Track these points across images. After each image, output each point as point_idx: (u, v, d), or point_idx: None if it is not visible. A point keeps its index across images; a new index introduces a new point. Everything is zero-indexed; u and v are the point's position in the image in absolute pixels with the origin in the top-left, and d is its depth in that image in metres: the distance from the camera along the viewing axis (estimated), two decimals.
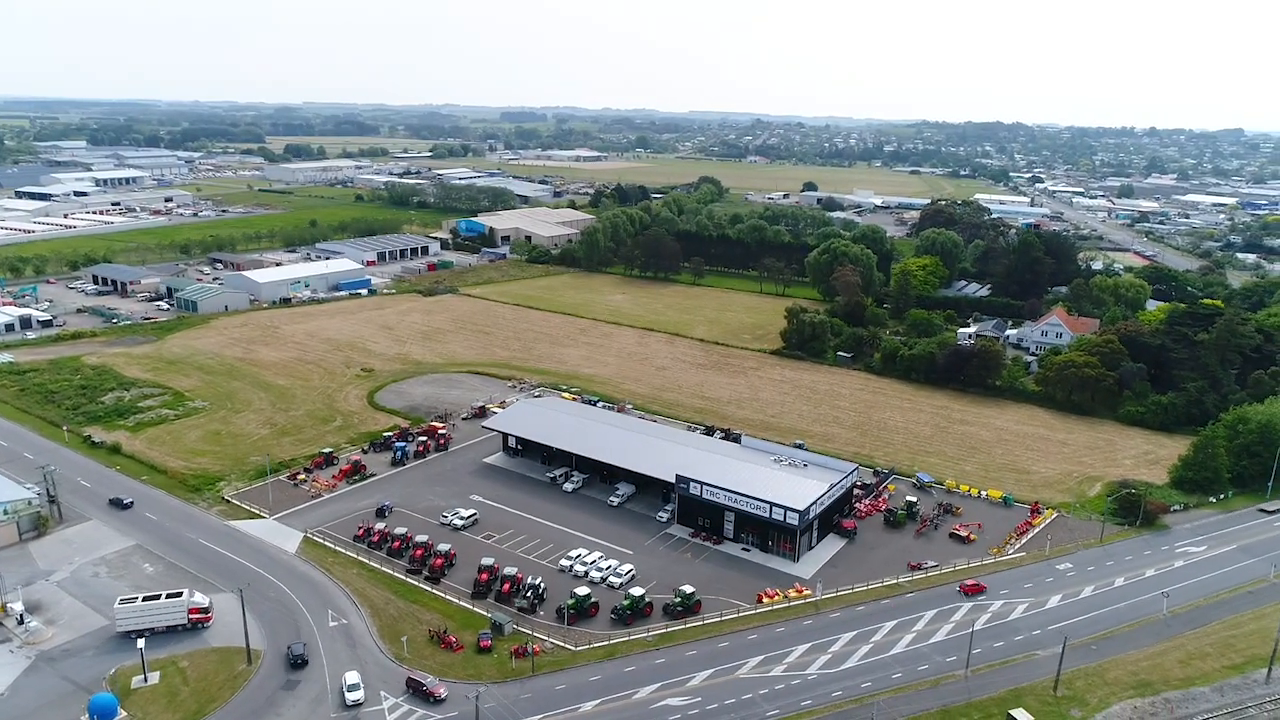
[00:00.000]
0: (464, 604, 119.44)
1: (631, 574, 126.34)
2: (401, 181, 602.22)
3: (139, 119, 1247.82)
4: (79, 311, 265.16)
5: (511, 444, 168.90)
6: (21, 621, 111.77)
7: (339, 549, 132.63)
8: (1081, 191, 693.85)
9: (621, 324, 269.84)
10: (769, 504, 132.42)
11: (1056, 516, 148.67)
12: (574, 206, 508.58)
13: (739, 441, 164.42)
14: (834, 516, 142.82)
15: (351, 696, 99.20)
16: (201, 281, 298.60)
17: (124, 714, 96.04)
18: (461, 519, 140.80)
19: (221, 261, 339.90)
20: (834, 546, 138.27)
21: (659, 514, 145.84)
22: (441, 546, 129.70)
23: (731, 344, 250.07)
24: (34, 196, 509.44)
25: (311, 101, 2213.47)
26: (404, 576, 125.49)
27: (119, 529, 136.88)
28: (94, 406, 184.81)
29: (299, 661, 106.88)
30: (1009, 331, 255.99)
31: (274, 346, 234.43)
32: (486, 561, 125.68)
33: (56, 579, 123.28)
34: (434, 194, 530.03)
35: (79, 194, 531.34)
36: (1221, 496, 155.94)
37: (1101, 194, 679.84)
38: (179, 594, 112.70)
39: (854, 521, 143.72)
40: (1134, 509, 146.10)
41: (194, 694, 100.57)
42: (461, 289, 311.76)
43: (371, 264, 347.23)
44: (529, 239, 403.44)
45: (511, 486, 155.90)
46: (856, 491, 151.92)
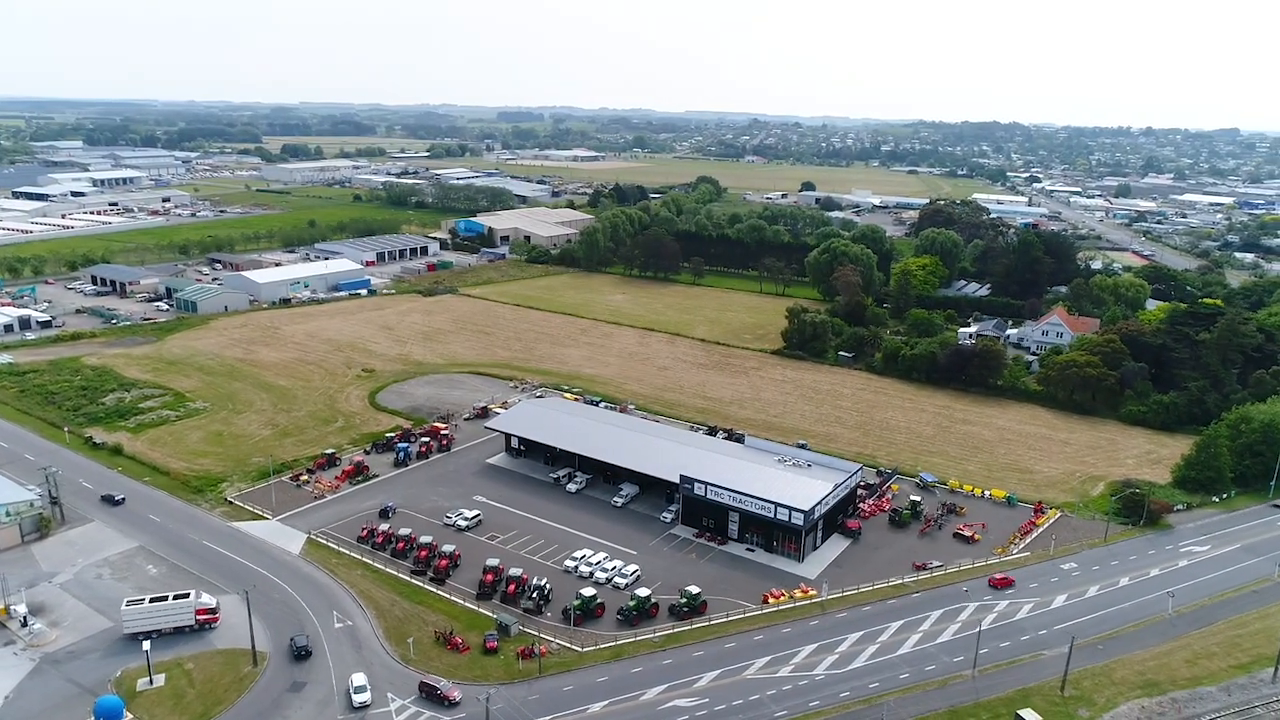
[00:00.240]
0: (469, 605, 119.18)
1: (637, 575, 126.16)
2: (399, 181, 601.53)
3: (135, 119, 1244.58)
4: (78, 312, 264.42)
5: (514, 444, 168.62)
6: (25, 624, 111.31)
7: (343, 550, 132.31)
8: (1079, 191, 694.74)
9: (622, 324, 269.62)
10: (774, 504, 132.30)
11: (1060, 516, 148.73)
12: (572, 206, 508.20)
13: (742, 442, 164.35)
14: (838, 517, 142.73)
15: (358, 699, 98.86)
16: (201, 282, 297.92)
17: (130, 716, 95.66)
18: (465, 520, 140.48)
19: (220, 262, 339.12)
20: (839, 547, 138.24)
21: (663, 514, 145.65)
22: (446, 547, 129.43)
23: (732, 344, 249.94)
24: (31, 197, 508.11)
25: (308, 101, 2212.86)
26: (409, 578, 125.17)
27: (122, 530, 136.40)
28: (94, 408, 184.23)
29: (302, 653, 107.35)
30: (1009, 331, 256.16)
31: (274, 347, 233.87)
32: (491, 562, 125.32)
33: (60, 581, 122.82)
34: (432, 194, 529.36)
35: (76, 194, 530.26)
36: (1224, 496, 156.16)
37: (1099, 194, 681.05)
38: (186, 595, 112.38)
39: (858, 521, 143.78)
40: (1138, 509, 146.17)
41: (200, 696, 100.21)
42: (461, 289, 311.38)
43: (371, 264, 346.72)
44: (528, 239, 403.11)
45: (515, 487, 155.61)
46: (860, 491, 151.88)
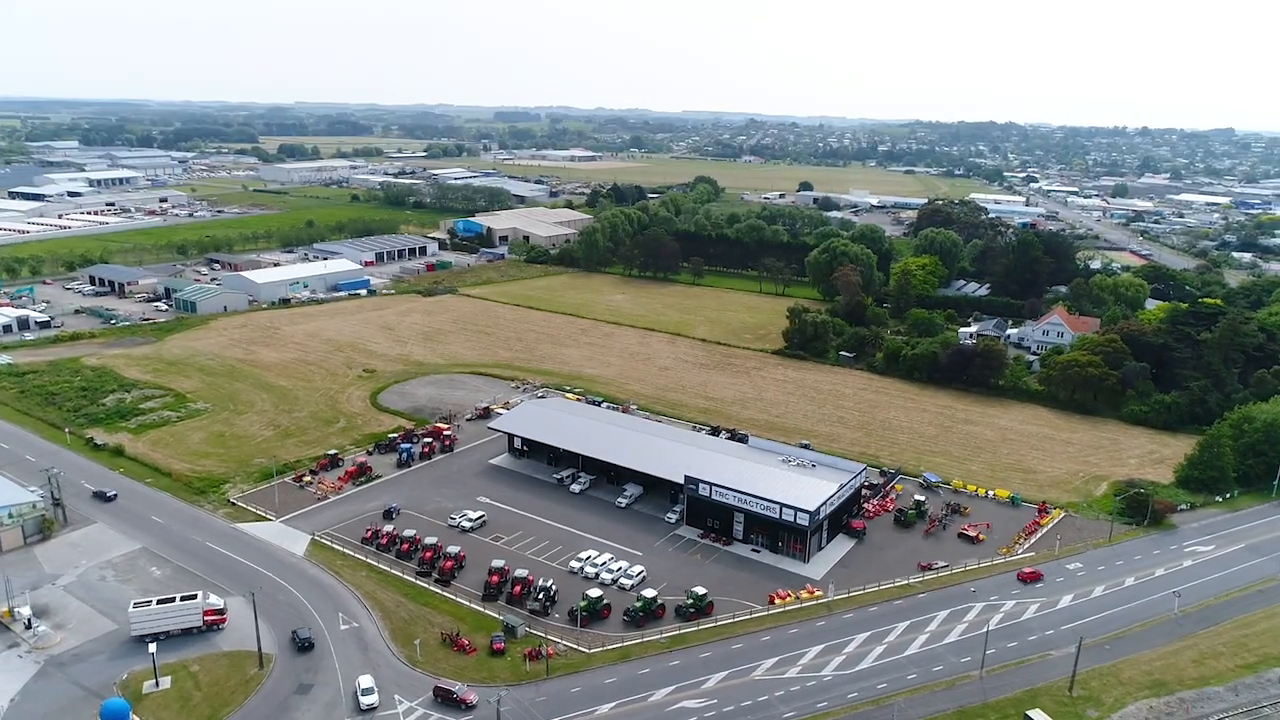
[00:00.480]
0: (475, 606, 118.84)
1: (642, 575, 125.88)
2: (397, 182, 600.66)
3: (131, 119, 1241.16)
4: (77, 312, 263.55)
5: (517, 445, 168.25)
6: (29, 626, 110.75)
7: (347, 552, 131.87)
8: (1076, 191, 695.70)
9: (622, 324, 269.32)
10: (779, 505, 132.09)
11: (1064, 516, 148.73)
12: (571, 206, 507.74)
13: (746, 442, 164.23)
14: (843, 517, 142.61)
15: (366, 701, 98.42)
16: (199, 282, 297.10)
17: (136, 719, 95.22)
18: (470, 521, 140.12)
19: (219, 262, 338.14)
20: (844, 547, 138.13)
21: (667, 515, 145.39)
22: (451, 548, 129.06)
23: (733, 344, 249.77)
24: (27, 197, 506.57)
25: (304, 101, 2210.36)
26: (414, 579, 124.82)
27: (124, 532, 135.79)
28: (95, 408, 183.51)
29: (305, 644, 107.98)
30: (1009, 331, 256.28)
31: (274, 347, 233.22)
32: (497, 563, 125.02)
33: (63, 583, 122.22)
34: (430, 194, 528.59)
35: (73, 194, 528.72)
36: (1228, 496, 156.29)
37: (1096, 193, 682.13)
38: (193, 596, 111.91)
39: (862, 522, 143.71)
40: (1142, 508, 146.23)
41: (206, 699, 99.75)
42: (461, 289, 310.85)
43: (370, 264, 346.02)
44: (527, 239, 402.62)
45: (518, 488, 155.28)
46: (864, 492, 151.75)
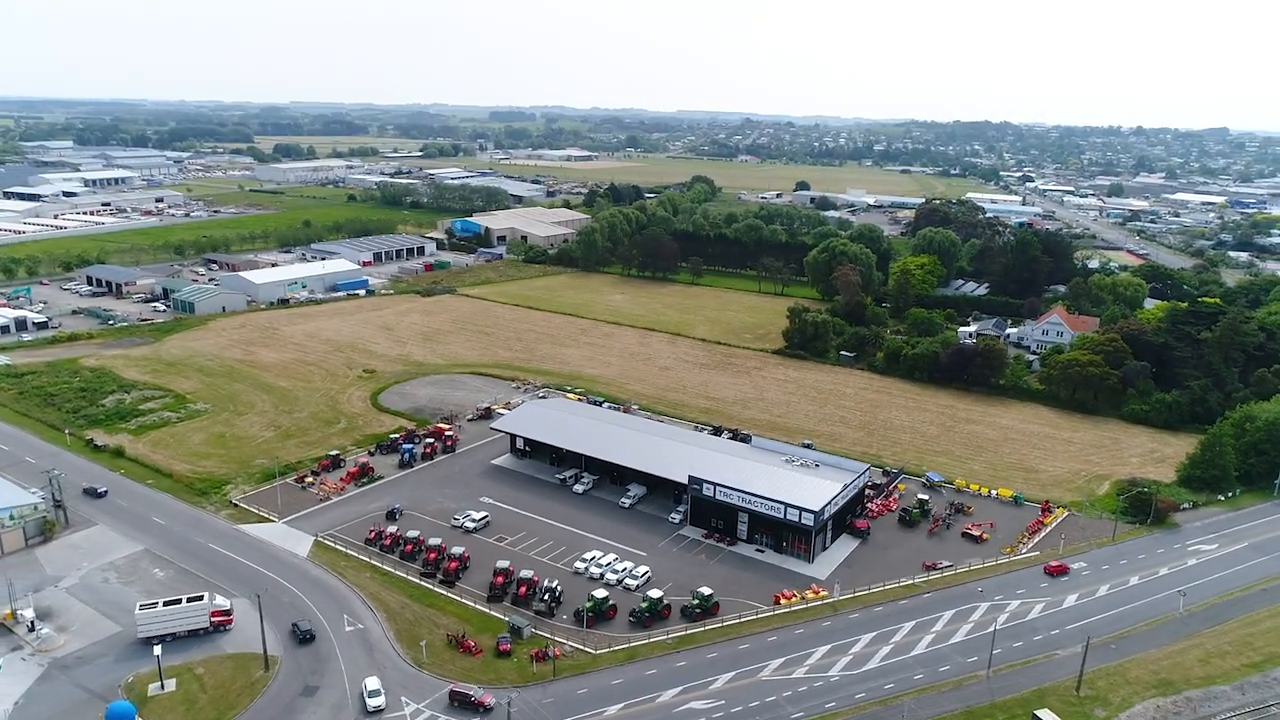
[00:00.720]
0: (480, 608, 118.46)
1: (648, 576, 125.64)
2: (394, 181, 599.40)
3: (125, 119, 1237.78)
4: (74, 313, 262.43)
5: (519, 445, 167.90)
6: (32, 629, 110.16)
7: (351, 553, 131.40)
8: (1072, 190, 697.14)
9: (622, 324, 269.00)
10: (784, 505, 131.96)
11: (1067, 515, 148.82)
12: (568, 206, 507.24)
13: (748, 442, 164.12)
14: (847, 517, 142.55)
15: (373, 703, 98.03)
16: (197, 282, 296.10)
17: None
18: (473, 521, 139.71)
19: (216, 262, 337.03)
20: (848, 547, 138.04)
21: (671, 515, 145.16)
22: (455, 549, 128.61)
23: (733, 344, 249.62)
24: (23, 197, 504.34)
25: (298, 101, 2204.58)
26: (418, 580, 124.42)
27: (126, 534, 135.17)
28: (94, 409, 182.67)
29: (306, 636, 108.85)
30: (1009, 330, 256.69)
31: (274, 348, 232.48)
32: (502, 564, 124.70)
33: (65, 585, 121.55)
34: (427, 194, 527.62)
35: (68, 194, 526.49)
36: (1230, 495, 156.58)
37: (1091, 193, 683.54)
38: (200, 597, 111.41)
39: (866, 522, 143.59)
40: (1145, 508, 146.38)
41: (212, 701, 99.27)
42: (460, 289, 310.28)
43: (368, 264, 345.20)
44: (525, 239, 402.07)
45: (521, 488, 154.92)
46: (867, 491, 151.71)
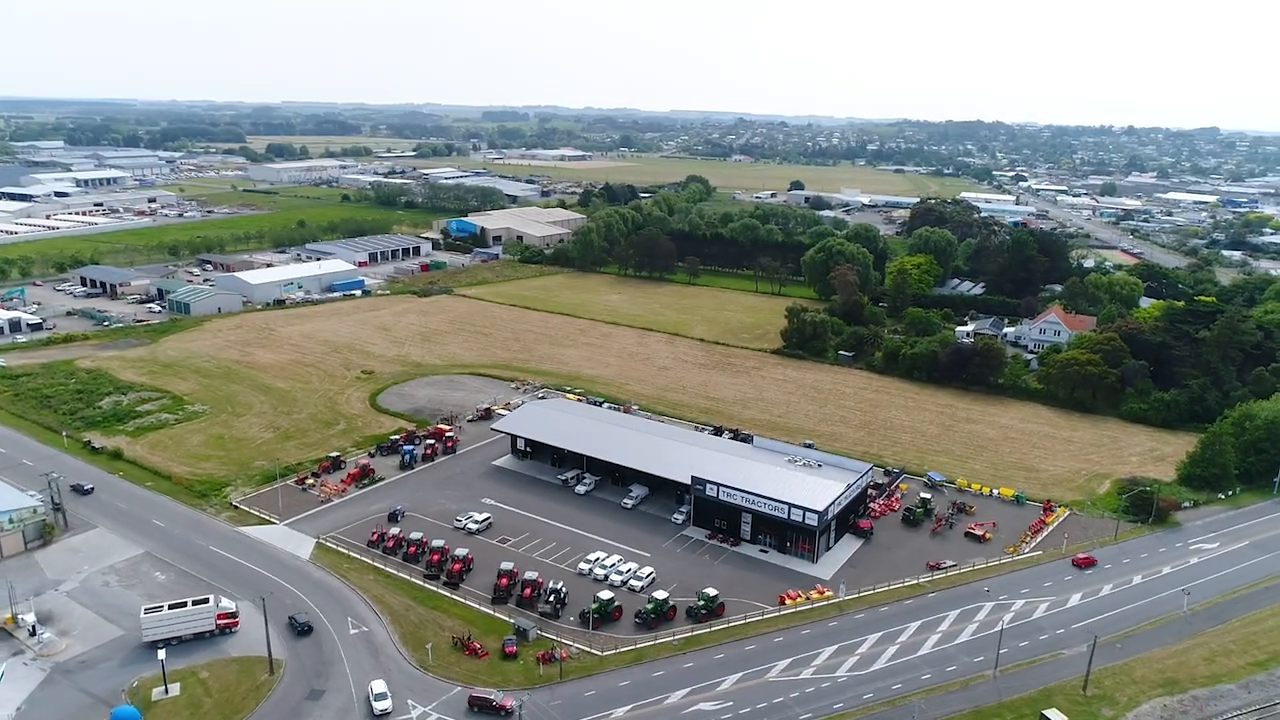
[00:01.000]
0: (485, 609, 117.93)
1: (652, 577, 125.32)
2: (388, 181, 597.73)
3: (116, 118, 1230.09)
4: (69, 314, 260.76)
5: (520, 446, 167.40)
6: (34, 633, 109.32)
7: (353, 555, 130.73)
8: (1065, 190, 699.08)
9: (620, 324, 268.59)
10: (787, 505, 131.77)
11: (1069, 514, 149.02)
12: (564, 206, 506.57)
13: (750, 442, 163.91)
14: (850, 517, 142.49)
15: (379, 706, 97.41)
16: (192, 283, 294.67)
17: None
18: (476, 523, 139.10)
19: (211, 263, 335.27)
20: (851, 547, 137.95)
21: (674, 516, 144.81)
22: (459, 551, 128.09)
23: (732, 343, 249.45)
24: (14, 197, 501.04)
25: (290, 101, 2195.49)
26: (421, 582, 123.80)
27: (126, 536, 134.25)
28: (91, 411, 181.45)
29: (304, 629, 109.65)
30: (1006, 329, 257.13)
31: (271, 349, 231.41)
32: (506, 566, 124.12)
33: (66, 589, 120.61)
34: (422, 194, 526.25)
35: (60, 195, 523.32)
36: (1230, 493, 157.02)
37: (1084, 192, 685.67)
38: (205, 600, 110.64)
39: (869, 521, 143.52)
40: (1146, 506, 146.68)
41: (217, 705, 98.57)
42: (456, 289, 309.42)
43: (363, 265, 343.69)
44: (521, 239, 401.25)
45: (523, 489, 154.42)
46: (870, 491, 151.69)
